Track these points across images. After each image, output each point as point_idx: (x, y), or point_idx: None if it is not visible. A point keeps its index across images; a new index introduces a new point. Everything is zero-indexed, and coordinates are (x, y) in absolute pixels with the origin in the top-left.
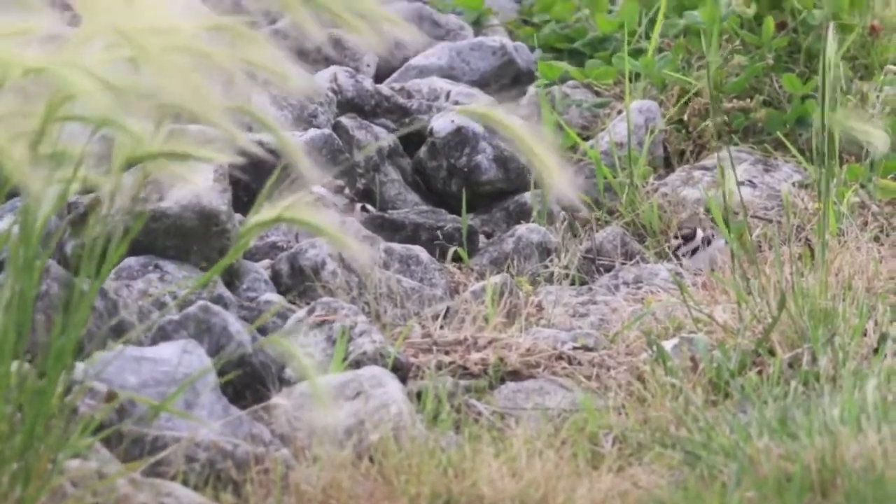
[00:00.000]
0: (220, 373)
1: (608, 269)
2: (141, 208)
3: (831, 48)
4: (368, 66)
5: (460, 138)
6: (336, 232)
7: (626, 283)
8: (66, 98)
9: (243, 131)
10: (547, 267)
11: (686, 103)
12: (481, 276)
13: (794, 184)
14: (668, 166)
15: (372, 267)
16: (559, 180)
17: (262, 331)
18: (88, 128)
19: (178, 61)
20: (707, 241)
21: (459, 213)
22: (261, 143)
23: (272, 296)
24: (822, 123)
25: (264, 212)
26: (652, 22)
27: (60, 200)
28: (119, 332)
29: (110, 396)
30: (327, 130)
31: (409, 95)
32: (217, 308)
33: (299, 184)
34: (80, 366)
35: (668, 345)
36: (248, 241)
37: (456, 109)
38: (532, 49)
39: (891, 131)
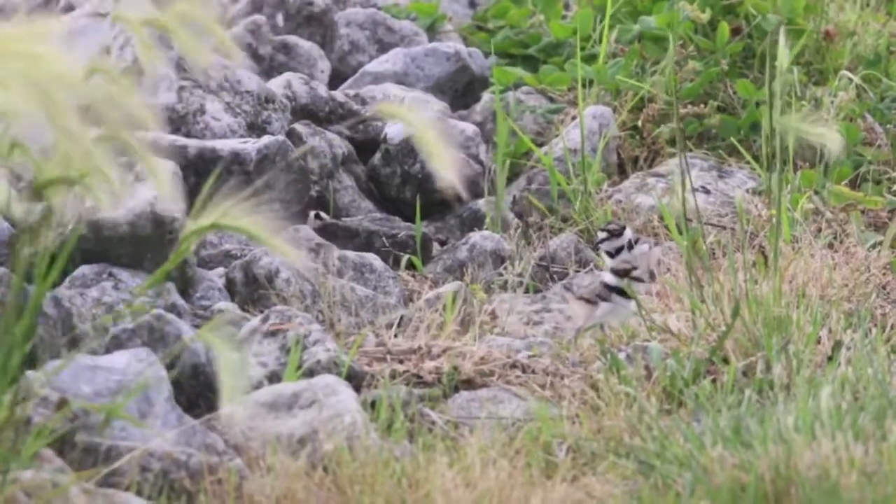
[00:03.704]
0: (174, 381)
1: (562, 277)
2: (91, 218)
3: (783, 53)
4: (322, 72)
5: (414, 145)
6: (273, 239)
7: None
8: None
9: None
10: (501, 274)
11: (640, 109)
12: (435, 283)
13: (748, 190)
14: (622, 173)
15: (317, 275)
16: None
17: None
18: None
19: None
20: (632, 244)
21: (413, 221)
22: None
23: (226, 304)
24: (770, 127)
25: (201, 218)
26: (605, 28)
27: None
28: (73, 340)
29: (61, 404)
30: (281, 137)
31: (363, 102)
32: (171, 317)
33: (245, 189)
34: (32, 374)
35: (621, 353)
36: (188, 247)
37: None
38: (486, 55)
39: (844, 136)
